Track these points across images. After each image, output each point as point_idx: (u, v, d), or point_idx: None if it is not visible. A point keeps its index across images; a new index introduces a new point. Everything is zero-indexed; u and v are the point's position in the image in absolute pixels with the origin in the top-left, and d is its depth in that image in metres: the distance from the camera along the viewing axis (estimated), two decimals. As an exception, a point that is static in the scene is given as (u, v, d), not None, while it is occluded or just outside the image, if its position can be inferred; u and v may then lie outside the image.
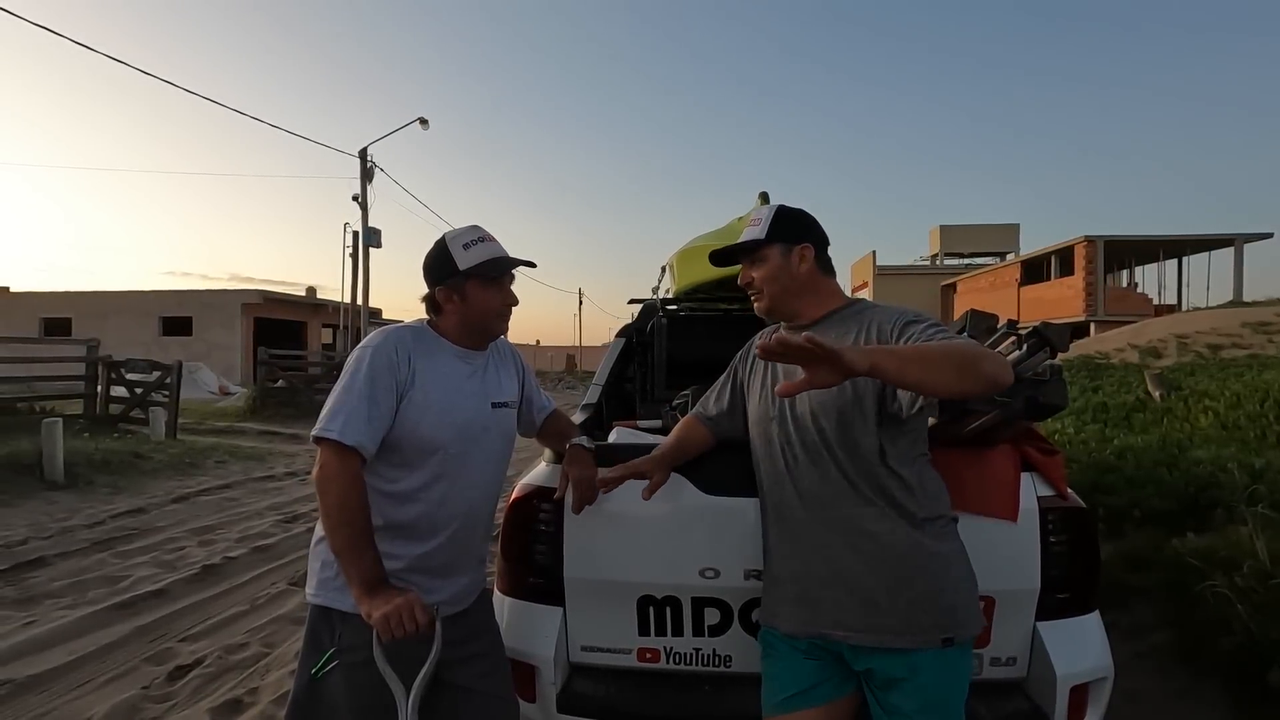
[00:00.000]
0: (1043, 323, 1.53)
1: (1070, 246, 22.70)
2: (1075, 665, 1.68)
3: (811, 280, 1.52)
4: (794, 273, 1.51)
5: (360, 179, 18.66)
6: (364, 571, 1.38)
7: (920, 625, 1.36)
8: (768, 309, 1.55)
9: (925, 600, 1.37)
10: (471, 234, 1.60)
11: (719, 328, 3.43)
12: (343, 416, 1.44)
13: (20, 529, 5.35)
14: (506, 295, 1.64)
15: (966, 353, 1.17)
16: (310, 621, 1.56)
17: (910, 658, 1.36)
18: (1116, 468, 4.60)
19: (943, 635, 1.36)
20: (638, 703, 1.76)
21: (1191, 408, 7.01)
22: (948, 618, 1.37)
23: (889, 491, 1.40)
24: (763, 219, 1.53)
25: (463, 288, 1.58)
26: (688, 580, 1.76)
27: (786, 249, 1.51)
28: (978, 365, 1.15)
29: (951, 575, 1.40)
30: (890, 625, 1.37)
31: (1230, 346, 11.84)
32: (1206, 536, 3.36)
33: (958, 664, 1.39)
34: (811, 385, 1.12)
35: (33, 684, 2.91)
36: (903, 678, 1.36)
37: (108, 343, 12.09)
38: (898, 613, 1.37)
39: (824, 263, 1.54)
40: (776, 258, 1.51)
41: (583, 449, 1.77)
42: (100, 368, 10.53)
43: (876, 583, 1.38)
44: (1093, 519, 1.81)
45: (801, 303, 1.52)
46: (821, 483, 1.43)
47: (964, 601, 1.40)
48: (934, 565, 1.39)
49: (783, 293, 1.52)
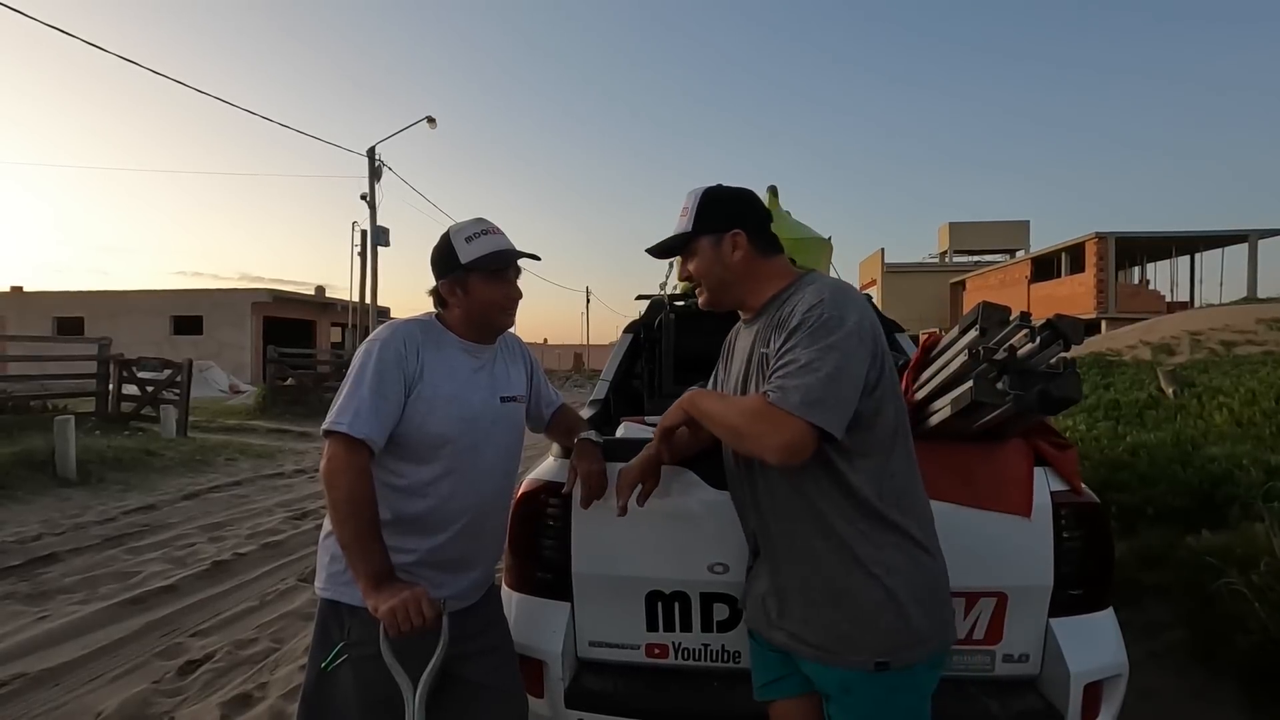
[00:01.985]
0: (1056, 315, 1.50)
1: (1081, 243, 22.52)
2: (1089, 663, 1.66)
3: (748, 267, 1.40)
4: (728, 262, 1.39)
5: (368, 178, 18.75)
6: (371, 565, 1.38)
7: (853, 645, 1.26)
8: (710, 302, 1.46)
9: (862, 620, 1.26)
10: (475, 227, 1.58)
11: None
12: (351, 410, 1.44)
13: (34, 525, 5.41)
14: (509, 289, 1.61)
15: (736, 428, 1.25)
16: (319, 615, 1.56)
17: (844, 678, 1.28)
18: (1129, 465, 4.55)
19: (876, 659, 1.24)
20: (646, 698, 1.75)
21: (1205, 404, 6.93)
22: (885, 641, 1.25)
23: (835, 505, 1.27)
24: (689, 209, 1.42)
25: (465, 281, 1.57)
26: (697, 575, 1.75)
27: (716, 239, 1.40)
28: (741, 442, 1.27)
29: (898, 596, 1.25)
30: (822, 642, 1.29)
31: (1244, 343, 11.69)
32: (1222, 534, 3.31)
33: (897, 691, 1.27)
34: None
35: (46, 678, 2.94)
36: (835, 694, 1.31)
37: (119, 342, 12.21)
38: (833, 630, 1.28)
39: (761, 245, 1.41)
40: (707, 250, 1.40)
41: (591, 444, 1.76)
42: (112, 366, 10.61)
43: (814, 598, 1.30)
44: (1106, 514, 1.79)
45: (743, 291, 1.42)
46: (768, 493, 1.35)
47: (908, 625, 1.25)
48: (875, 585, 1.25)
49: (720, 285, 1.42)
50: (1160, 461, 4.45)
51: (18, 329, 24.58)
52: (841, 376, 1.18)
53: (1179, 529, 3.61)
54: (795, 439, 1.16)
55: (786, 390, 1.17)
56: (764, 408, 1.19)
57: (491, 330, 1.65)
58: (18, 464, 6.68)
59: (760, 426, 1.18)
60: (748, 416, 1.22)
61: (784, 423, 1.16)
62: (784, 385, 1.18)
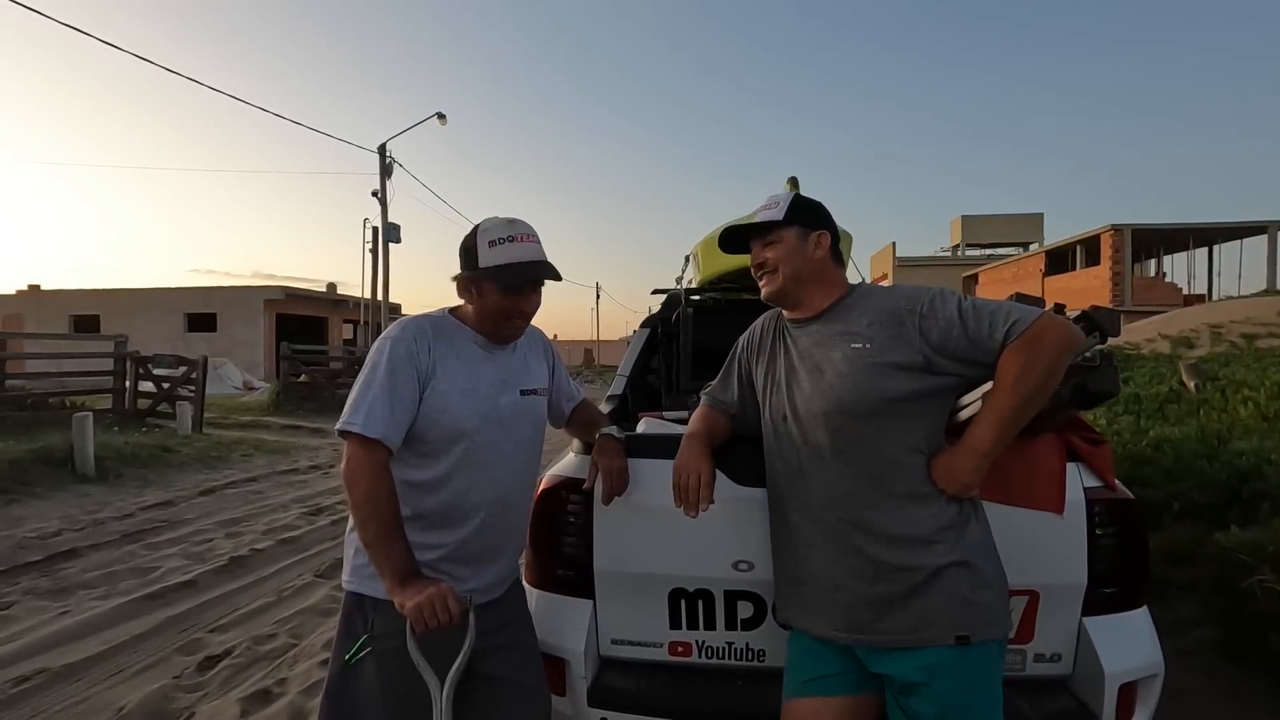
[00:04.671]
0: (1092, 306, 1.46)
1: (1096, 236, 22.25)
2: (1124, 662, 1.62)
3: (825, 268, 1.49)
4: (809, 256, 1.47)
5: (379, 174, 18.80)
6: (395, 563, 1.37)
7: (933, 623, 1.30)
8: (778, 290, 1.49)
9: (939, 598, 1.31)
10: (502, 230, 1.53)
11: (745, 316, 3.37)
12: (364, 409, 1.43)
13: (53, 521, 5.46)
14: (522, 303, 1.56)
15: (1051, 368, 1.27)
16: (344, 608, 1.56)
17: (926, 660, 1.30)
18: (1153, 460, 4.48)
19: (956, 633, 1.29)
20: (669, 697, 1.72)
21: (1230, 398, 6.81)
22: (963, 615, 1.30)
23: (903, 490, 1.35)
24: (780, 203, 1.50)
25: (480, 284, 1.54)
26: (720, 573, 1.72)
27: (804, 233, 1.48)
28: (1060, 365, 1.28)
29: (970, 572, 1.32)
30: (902, 624, 1.32)
31: (1266, 336, 11.49)
32: (1252, 530, 3.25)
33: (981, 667, 1.32)
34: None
35: (67, 673, 2.96)
36: (920, 682, 1.31)
37: (135, 339, 12.32)
38: (910, 613, 1.31)
39: (835, 253, 1.52)
40: (793, 239, 1.47)
41: (612, 439, 1.74)
42: (128, 363, 10.71)
43: (887, 586, 1.33)
44: (1142, 510, 1.74)
45: (811, 291, 1.49)
46: (835, 482, 1.38)
47: (985, 599, 1.32)
48: (949, 562, 1.32)
49: (796, 275, 1.47)
50: (1185, 456, 4.37)
51: (35, 327, 24.92)
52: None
53: (1206, 525, 3.55)
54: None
55: (1010, 311, 1.31)
56: (1039, 327, 1.27)
57: (501, 335, 1.62)
58: (37, 461, 6.75)
59: (1057, 334, 1.27)
60: (1049, 344, 1.27)
61: (1054, 319, 1.30)
62: (1008, 313, 1.31)
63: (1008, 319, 1.30)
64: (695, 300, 3.48)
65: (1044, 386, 1.29)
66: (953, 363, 1.35)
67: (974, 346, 1.32)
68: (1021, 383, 1.27)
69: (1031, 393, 1.28)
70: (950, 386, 1.40)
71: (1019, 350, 1.28)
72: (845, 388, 1.37)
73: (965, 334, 1.33)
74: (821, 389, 1.41)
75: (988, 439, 1.32)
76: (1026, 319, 1.29)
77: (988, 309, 1.34)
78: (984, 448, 1.32)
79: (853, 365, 1.37)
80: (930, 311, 1.36)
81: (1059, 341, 1.27)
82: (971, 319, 1.33)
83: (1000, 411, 1.30)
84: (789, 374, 1.50)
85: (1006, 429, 1.32)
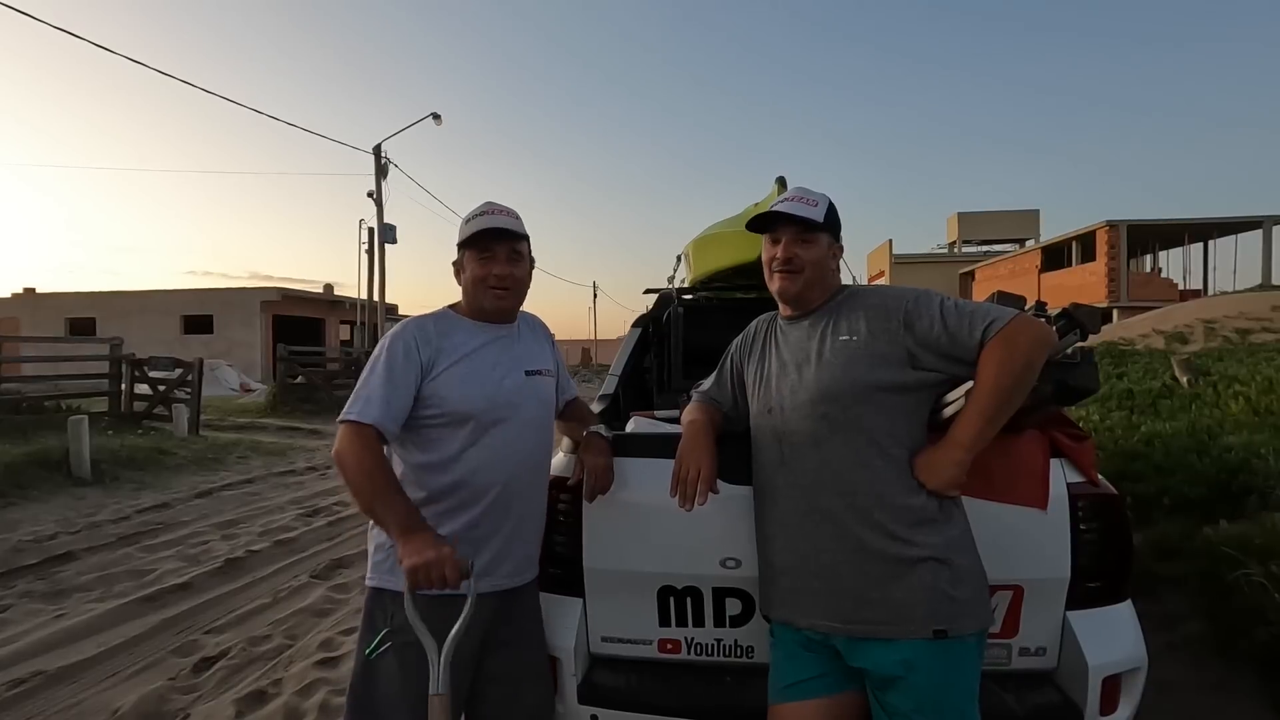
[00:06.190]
0: (1073, 304, 1.47)
1: (1092, 232, 22.29)
2: (1107, 655, 1.64)
3: (832, 273, 1.58)
4: (828, 263, 1.55)
5: (375, 175, 18.77)
6: (397, 515, 1.41)
7: (911, 615, 1.33)
8: (799, 292, 1.53)
9: (918, 591, 1.34)
10: (478, 208, 1.65)
11: (736, 316, 3.38)
12: (361, 400, 1.50)
13: (49, 524, 5.46)
14: (493, 266, 1.62)
15: (1027, 363, 1.32)
16: (366, 604, 1.60)
17: (904, 654, 1.33)
18: (1144, 455, 4.51)
19: (934, 627, 1.32)
20: (659, 694, 1.74)
21: (1221, 393, 6.84)
22: (941, 609, 1.33)
23: (885, 481, 1.39)
24: (819, 203, 1.54)
25: (462, 259, 1.66)
26: (709, 570, 1.73)
27: (832, 240, 1.56)
28: (1036, 360, 1.32)
29: (949, 567, 1.36)
30: (881, 614, 1.35)
31: (1260, 331, 11.55)
32: (1240, 524, 3.27)
33: (957, 662, 1.34)
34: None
35: (63, 675, 2.97)
36: (898, 676, 1.33)
37: (131, 341, 12.29)
38: (889, 604, 1.35)
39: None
40: (824, 244, 1.54)
41: (599, 437, 1.75)
42: (124, 366, 10.70)
43: (869, 573, 1.37)
44: (1124, 506, 1.77)
45: (820, 291, 1.56)
46: (818, 472, 1.43)
47: (962, 594, 1.35)
48: (928, 556, 1.36)
49: (817, 278, 1.54)
50: (1176, 451, 4.40)
51: (31, 330, 24.84)
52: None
53: (1196, 519, 3.57)
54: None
55: (989, 311, 1.37)
56: (1014, 326, 1.33)
57: (483, 311, 1.66)
58: (33, 464, 6.74)
59: (1031, 333, 1.33)
60: (1023, 342, 1.32)
61: (1028, 318, 1.37)
62: (986, 313, 1.37)
63: (985, 318, 1.36)
64: (686, 300, 3.49)
65: (1021, 382, 1.33)
66: (934, 358, 1.40)
67: (954, 343, 1.38)
68: (1000, 378, 1.33)
69: (1010, 387, 1.33)
70: (933, 382, 1.44)
71: (996, 347, 1.33)
72: (832, 376, 1.43)
73: (945, 330, 1.39)
74: (808, 379, 1.46)
75: (970, 433, 1.36)
76: (1003, 318, 1.35)
77: (968, 309, 1.40)
78: (966, 441, 1.36)
79: (839, 355, 1.44)
80: (914, 309, 1.43)
81: (1032, 339, 1.33)
82: (952, 317, 1.39)
83: (981, 406, 1.35)
84: (778, 368, 1.55)
85: (988, 424, 1.35)
